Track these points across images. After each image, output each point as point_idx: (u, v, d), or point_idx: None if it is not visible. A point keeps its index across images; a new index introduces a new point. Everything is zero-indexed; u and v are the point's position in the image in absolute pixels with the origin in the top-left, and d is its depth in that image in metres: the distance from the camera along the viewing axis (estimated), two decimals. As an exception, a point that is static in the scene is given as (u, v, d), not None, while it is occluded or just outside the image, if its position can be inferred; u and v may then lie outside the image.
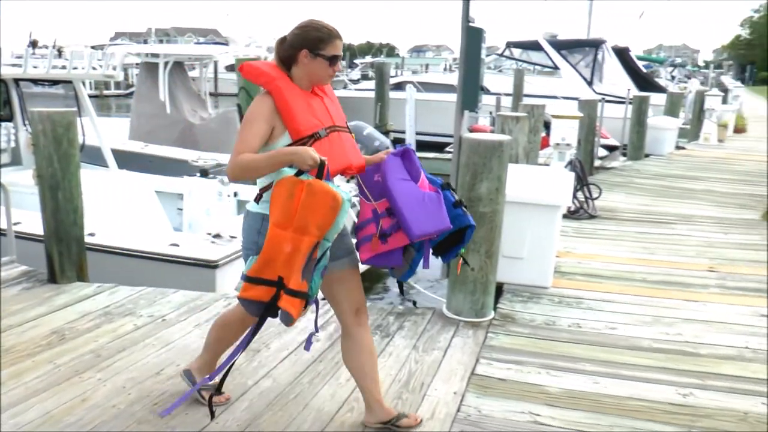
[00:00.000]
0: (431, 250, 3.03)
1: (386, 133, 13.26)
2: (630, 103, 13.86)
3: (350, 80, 43.43)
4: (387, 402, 3.28)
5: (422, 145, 12.88)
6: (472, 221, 3.06)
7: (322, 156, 2.63)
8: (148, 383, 3.57)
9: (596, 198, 8.17)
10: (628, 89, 15.07)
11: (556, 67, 17.45)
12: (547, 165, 8.73)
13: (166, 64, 12.15)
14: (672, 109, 15.80)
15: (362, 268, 3.18)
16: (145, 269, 5.73)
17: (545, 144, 10.16)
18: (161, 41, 45.15)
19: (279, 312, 2.69)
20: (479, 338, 4.29)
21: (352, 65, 65.42)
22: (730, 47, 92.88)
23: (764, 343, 4.37)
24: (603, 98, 13.82)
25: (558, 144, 9.01)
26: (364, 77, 44.41)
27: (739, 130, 19.62)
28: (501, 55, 19.64)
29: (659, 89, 17.62)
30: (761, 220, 8.23)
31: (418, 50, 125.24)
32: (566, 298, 5.05)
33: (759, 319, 4.77)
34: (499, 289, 5.05)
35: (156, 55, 12.33)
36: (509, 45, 19.49)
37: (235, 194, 8.05)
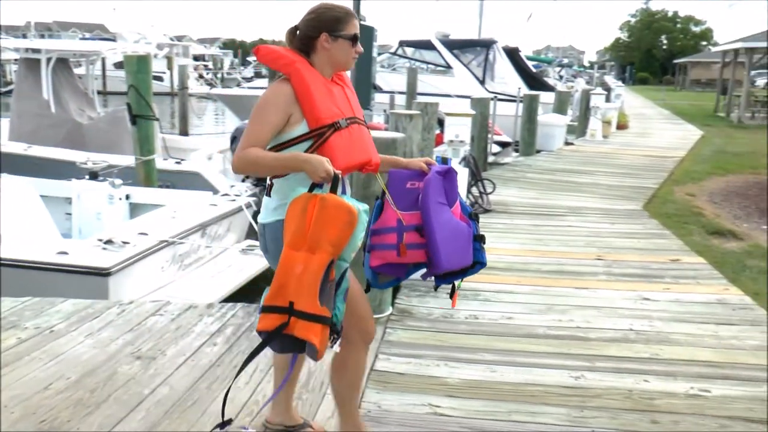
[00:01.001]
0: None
1: (282, 131, 13.13)
2: (521, 101, 14.32)
3: (243, 78, 42.83)
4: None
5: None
6: (485, 259, 2.93)
7: (336, 162, 2.46)
8: (35, 399, 3.38)
9: (490, 193, 8.41)
10: (519, 88, 15.57)
11: (448, 66, 17.78)
12: (443, 161, 8.87)
13: (48, 60, 11.54)
14: (560, 107, 16.44)
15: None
16: (32, 280, 5.40)
17: (439, 141, 10.32)
18: (42, 36, 42.86)
19: (305, 345, 2.36)
20: (378, 334, 4.30)
21: (245, 63, 64.44)
22: (612, 49, 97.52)
23: (646, 325, 4.62)
24: (495, 96, 14.20)
25: (452, 141, 9.17)
26: (257, 75, 43.78)
27: (622, 126, 20.64)
28: (394, 53, 19.83)
29: (548, 88, 18.29)
30: (642, 210, 8.70)
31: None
32: (463, 291, 5.15)
33: (642, 303, 5.04)
34: (397, 285, 5.10)
35: (37, 51, 11.69)
36: (402, 44, 19.72)
37: (128, 197, 7.76)
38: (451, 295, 2.93)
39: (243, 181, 10.03)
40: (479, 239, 2.88)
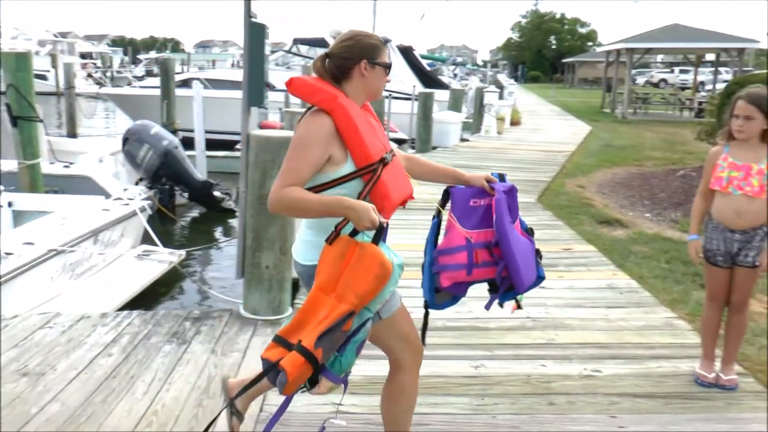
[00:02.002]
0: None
1: (174, 131, 12.75)
2: (416, 99, 14.51)
3: (134, 77, 41.33)
4: (187, 411, 3.16)
5: (212, 144, 12.56)
6: (543, 273, 2.91)
7: (391, 198, 2.41)
8: None
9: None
10: (414, 86, 15.78)
11: (344, 65, 17.81)
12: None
13: None
14: (455, 105, 16.79)
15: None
16: None
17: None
18: None
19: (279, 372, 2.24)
20: (280, 335, 4.26)
21: (135, 61, 62.22)
22: (504, 49, 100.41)
23: (542, 312, 4.79)
24: (390, 94, 14.33)
25: (349, 139, 9.20)
26: (149, 74, 42.35)
27: (515, 122, 21.32)
28: (288, 51, 19.68)
29: (443, 86, 18.64)
30: (536, 202, 9.00)
31: (204, 45, 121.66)
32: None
33: (538, 291, 5.15)
34: (296, 285, 5.06)
35: None
36: (296, 42, 19.59)
37: (10, 204, 7.33)
38: (518, 303, 2.98)
39: (136, 183, 9.71)
40: (538, 254, 2.87)
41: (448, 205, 2.83)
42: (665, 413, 3.51)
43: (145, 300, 6.06)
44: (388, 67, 2.58)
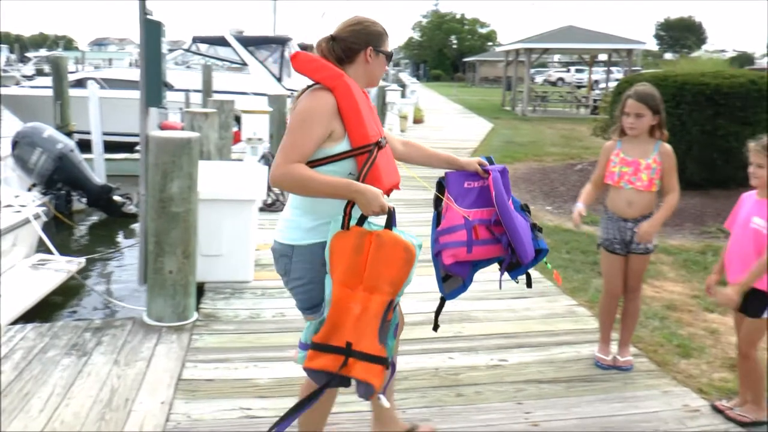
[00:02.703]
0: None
1: (69, 134, 12.21)
2: (318, 97, 14.44)
3: (23, 76, 39.26)
4: (88, 426, 3.03)
5: (111, 146, 12.09)
6: (546, 245, 2.97)
7: (381, 182, 2.39)
8: None
9: (292, 189, 8.40)
10: (316, 84, 15.69)
11: (244, 63, 17.51)
12: (241, 160, 8.75)
13: None
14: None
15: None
16: None
17: (238, 139, 10.19)
18: None
19: (355, 382, 2.33)
20: (184, 342, 4.16)
21: (23, 59, 59.13)
22: (406, 48, 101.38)
23: (450, 305, 4.84)
24: (292, 93, 14.19)
25: (250, 139, 9.07)
26: (39, 73, 40.32)
27: (418, 120, 21.56)
28: (187, 50, 19.17)
29: (344, 84, 18.57)
30: (439, 198, 9.14)
31: (99, 43, 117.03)
32: (269, 290, 5.11)
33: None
34: (201, 289, 4.95)
35: None
36: (195, 40, 19.10)
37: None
38: (528, 283, 3.07)
39: (29, 190, 9.21)
40: (537, 228, 2.95)
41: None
42: (568, 396, 3.65)
43: (42, 312, 5.76)
44: (389, 56, 2.62)
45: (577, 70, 52.17)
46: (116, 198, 9.77)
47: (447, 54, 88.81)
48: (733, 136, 8.18)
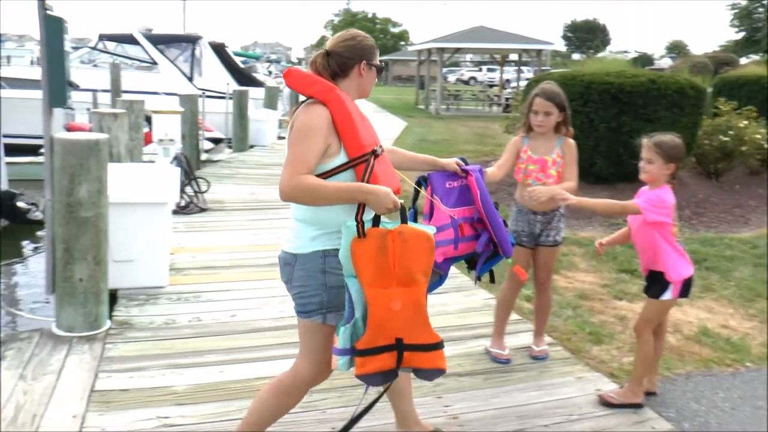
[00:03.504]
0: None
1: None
2: (231, 97, 14.22)
3: None
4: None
5: (12, 149, 11.51)
6: (514, 240, 3.16)
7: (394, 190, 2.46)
8: None
9: (205, 191, 8.24)
10: (228, 84, 15.43)
11: (154, 62, 17.02)
12: (153, 162, 8.52)
13: None
14: (271, 102, 16.64)
15: None
16: None
17: (149, 140, 9.90)
18: None
19: (420, 372, 2.52)
20: (96, 352, 4.01)
21: None
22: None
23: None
24: (204, 93, 13.94)
25: (161, 140, 8.84)
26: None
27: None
28: (94, 48, 18.44)
29: (257, 84, 18.36)
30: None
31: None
32: (185, 294, 5.00)
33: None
34: (113, 296, 4.79)
35: None
36: (102, 38, 18.40)
37: None
38: (492, 279, 3.29)
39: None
40: (505, 224, 3.12)
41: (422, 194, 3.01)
42: (486, 388, 3.73)
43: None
44: (380, 69, 2.72)
45: (489, 70, 53.28)
46: (20, 204, 9.32)
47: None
48: (637, 133, 8.48)
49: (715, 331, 4.83)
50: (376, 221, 2.43)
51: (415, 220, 2.87)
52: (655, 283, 3.55)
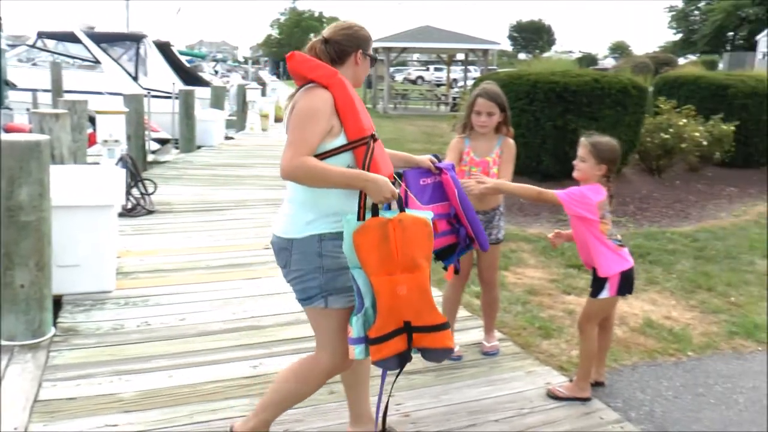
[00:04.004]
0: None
1: None
2: (177, 97, 14.02)
3: None
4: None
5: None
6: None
7: (380, 173, 2.53)
8: None
9: (152, 193, 8.09)
10: (174, 83, 15.20)
11: (97, 61, 16.64)
12: (97, 163, 8.33)
13: None
14: (217, 102, 16.46)
15: None
16: None
17: (93, 141, 9.68)
18: None
19: (428, 353, 2.62)
20: (40, 360, 3.89)
21: None
22: (265, 45, 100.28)
23: (318, 307, 4.86)
24: (149, 93, 13.70)
25: (106, 141, 8.66)
26: None
27: (279, 119, 21.36)
28: (32, 46, 17.92)
29: (204, 83, 18.14)
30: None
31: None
32: (132, 299, 4.90)
33: (312, 286, 5.27)
34: (58, 303, 4.66)
35: None
36: (41, 36, 17.90)
37: None
38: (456, 270, 3.40)
39: None
40: None
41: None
42: (437, 385, 3.76)
43: None
44: (374, 59, 2.79)
45: (436, 69, 53.64)
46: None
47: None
48: (582, 131, 8.70)
49: (659, 322, 4.97)
50: (374, 211, 2.51)
51: None
52: (595, 282, 3.63)
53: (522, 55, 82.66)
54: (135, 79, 16.29)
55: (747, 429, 3.59)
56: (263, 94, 24.13)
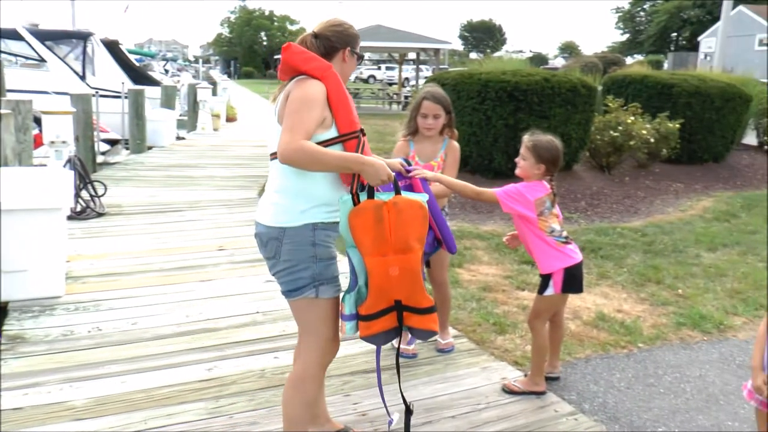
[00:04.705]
0: None
1: None
2: (126, 96, 13.76)
3: None
4: None
5: None
6: None
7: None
8: None
9: (102, 195, 7.92)
10: (123, 83, 14.91)
11: (42, 60, 16.21)
12: (44, 165, 8.12)
13: None
14: (168, 102, 16.19)
15: None
16: None
17: (39, 143, 9.44)
18: None
19: (410, 331, 2.71)
20: (-16, 368, 3.78)
21: None
22: (215, 44, 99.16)
23: (272, 305, 4.84)
24: (97, 92, 13.41)
25: (53, 142, 8.44)
26: None
27: (231, 119, 21.17)
28: (-30, 44, 17.37)
29: (154, 82, 17.81)
30: (258, 197, 9.05)
31: None
32: (83, 304, 4.79)
33: (266, 285, 5.24)
34: (4, 309, 4.53)
35: None
36: (-20, 33, 17.37)
37: None
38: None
39: None
40: None
41: None
42: (393, 383, 3.74)
43: None
44: (361, 58, 2.84)
45: (388, 68, 53.77)
46: None
47: (258, 51, 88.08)
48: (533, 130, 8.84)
49: (610, 315, 5.08)
50: (370, 193, 2.56)
51: None
52: (541, 280, 3.68)
53: (473, 55, 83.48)
54: (82, 78, 15.92)
55: (694, 416, 3.69)
56: (214, 93, 23.79)
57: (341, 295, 2.70)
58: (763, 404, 2.80)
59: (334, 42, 2.71)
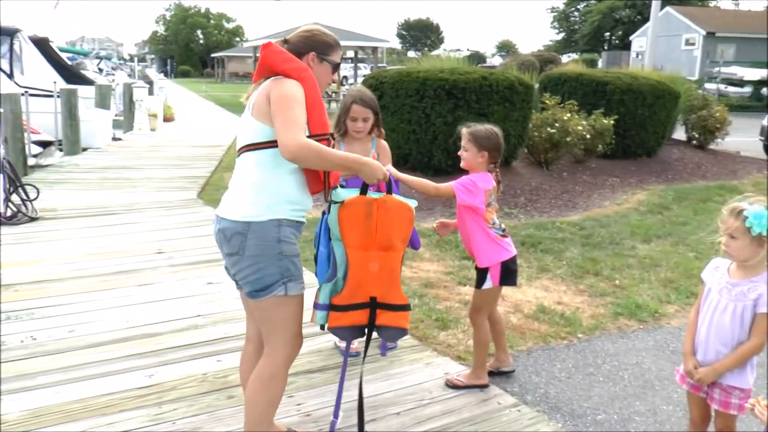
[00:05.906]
0: None
1: None
2: (58, 96, 13.36)
3: None
4: None
5: None
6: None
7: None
8: None
9: (34, 199, 7.67)
10: (55, 82, 14.46)
11: (-35, 59, 15.62)
12: (-29, 170, 7.81)
13: None
14: (103, 101, 15.80)
15: None
16: None
17: (-34, 146, 9.08)
18: None
19: (383, 330, 2.78)
20: None
21: None
22: (151, 42, 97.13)
23: (213, 308, 4.77)
24: (27, 91, 12.98)
25: (-20, 145, 8.13)
26: None
27: (168, 118, 20.77)
28: None
29: (87, 82, 17.34)
30: (197, 198, 8.91)
31: None
32: (15, 312, 4.62)
33: (207, 287, 5.17)
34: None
35: None
36: None
37: None
38: None
39: None
40: None
41: None
42: (337, 383, 3.74)
43: None
44: (334, 65, 2.83)
45: (327, 66, 53.55)
46: None
47: (194, 49, 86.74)
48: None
49: (551, 307, 5.18)
50: (363, 191, 2.68)
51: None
52: (478, 274, 3.72)
53: (411, 53, 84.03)
54: (10, 76, 15.37)
55: (632, 402, 3.80)
56: (151, 92, 23.34)
57: (319, 284, 2.82)
58: (694, 387, 2.90)
59: (300, 47, 2.75)
